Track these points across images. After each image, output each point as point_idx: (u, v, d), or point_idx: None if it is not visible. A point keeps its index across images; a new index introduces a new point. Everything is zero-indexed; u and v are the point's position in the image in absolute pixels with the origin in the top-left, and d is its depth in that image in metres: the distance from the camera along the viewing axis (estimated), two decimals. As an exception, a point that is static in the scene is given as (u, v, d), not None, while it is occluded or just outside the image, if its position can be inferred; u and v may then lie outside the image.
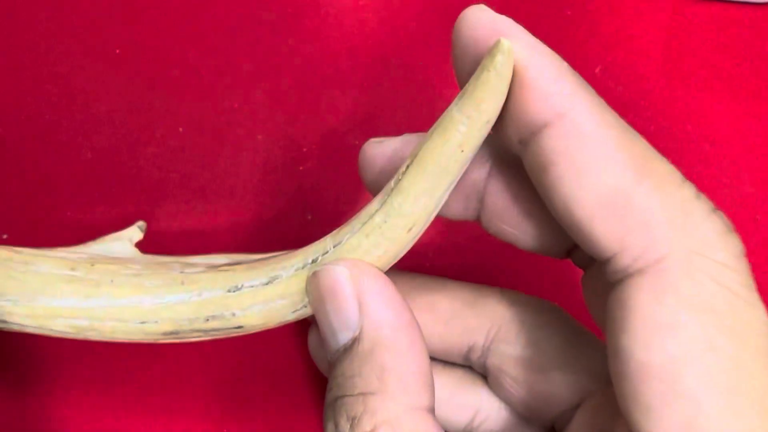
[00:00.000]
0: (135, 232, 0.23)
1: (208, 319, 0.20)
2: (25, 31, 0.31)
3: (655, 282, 0.17)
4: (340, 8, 0.31)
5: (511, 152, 0.20)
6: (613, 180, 0.18)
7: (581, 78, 0.19)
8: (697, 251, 0.17)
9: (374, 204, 0.20)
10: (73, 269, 0.21)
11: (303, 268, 0.20)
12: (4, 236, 0.29)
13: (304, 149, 0.30)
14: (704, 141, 0.31)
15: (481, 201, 0.21)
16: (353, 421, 0.18)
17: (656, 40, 0.32)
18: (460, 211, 0.22)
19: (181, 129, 0.30)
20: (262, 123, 0.30)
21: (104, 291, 0.20)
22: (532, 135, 0.18)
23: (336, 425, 0.19)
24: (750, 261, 0.18)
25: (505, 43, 0.18)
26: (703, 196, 0.18)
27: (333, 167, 0.30)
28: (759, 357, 0.17)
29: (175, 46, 0.31)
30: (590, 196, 0.18)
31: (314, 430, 0.28)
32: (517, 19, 0.19)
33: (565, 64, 0.19)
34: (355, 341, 0.19)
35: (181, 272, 0.21)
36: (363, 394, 0.18)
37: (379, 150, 0.22)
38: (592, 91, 0.19)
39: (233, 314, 0.20)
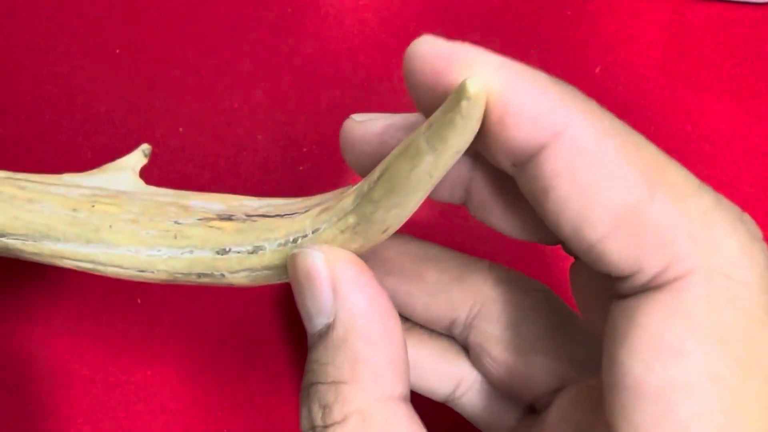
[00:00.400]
0: (139, 159, 0.23)
1: (199, 276, 0.21)
2: (25, 31, 0.31)
3: (669, 302, 0.16)
4: (340, 8, 0.31)
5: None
6: (624, 197, 0.17)
7: (566, 85, 0.18)
8: (719, 270, 0.16)
9: (348, 201, 0.19)
10: (75, 210, 0.21)
11: (285, 245, 0.20)
12: (4, 236, 0.29)
13: (304, 149, 0.30)
14: (704, 141, 0.31)
15: (467, 190, 0.21)
16: (325, 410, 0.18)
17: (656, 40, 0.32)
18: (446, 197, 0.21)
19: (181, 129, 0.30)
20: (262, 123, 0.30)
21: (103, 237, 0.21)
22: (527, 159, 0.17)
23: (309, 411, 0.19)
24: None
25: (472, 87, 0.16)
26: (724, 201, 0.17)
27: (333, 167, 0.30)
28: (765, 394, 0.16)
29: (175, 46, 0.31)
30: (600, 217, 0.17)
31: (314, 430, 0.28)
32: (518, 19, 0.18)
33: (542, 75, 0.17)
34: (329, 328, 0.19)
35: (175, 222, 0.21)
36: (335, 382, 0.19)
37: (359, 134, 0.21)
38: (583, 97, 0.18)
39: (222, 275, 0.21)
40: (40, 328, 0.28)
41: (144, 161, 0.23)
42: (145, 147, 0.24)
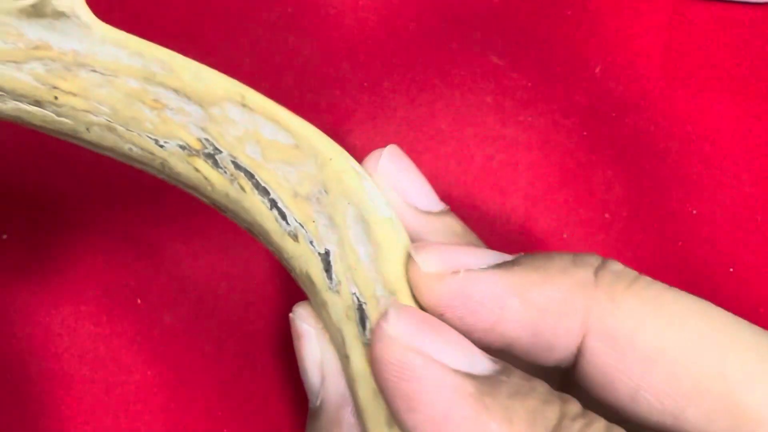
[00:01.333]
0: None
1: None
2: (25, 31, 0.31)
3: None
4: (340, 8, 0.31)
5: None
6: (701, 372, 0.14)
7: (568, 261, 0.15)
8: None
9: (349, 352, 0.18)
10: (39, 103, 0.19)
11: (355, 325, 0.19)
12: (4, 236, 0.29)
13: (304, 149, 0.30)
14: (704, 141, 0.31)
15: None
16: None
17: (656, 40, 0.32)
18: None
19: (181, 129, 0.30)
20: (262, 123, 0.30)
21: (89, 139, 0.20)
22: (569, 360, 0.16)
23: None
24: (750, 262, 0.17)
25: None
26: None
27: (333, 167, 0.30)
28: None
29: (175, 46, 0.31)
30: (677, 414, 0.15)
31: (314, 430, 0.28)
32: (518, 19, 0.18)
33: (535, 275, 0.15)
34: (317, 411, 0.19)
35: (156, 143, 0.19)
36: None
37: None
38: (585, 264, 0.15)
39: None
40: (40, 328, 0.28)
41: None
42: None
